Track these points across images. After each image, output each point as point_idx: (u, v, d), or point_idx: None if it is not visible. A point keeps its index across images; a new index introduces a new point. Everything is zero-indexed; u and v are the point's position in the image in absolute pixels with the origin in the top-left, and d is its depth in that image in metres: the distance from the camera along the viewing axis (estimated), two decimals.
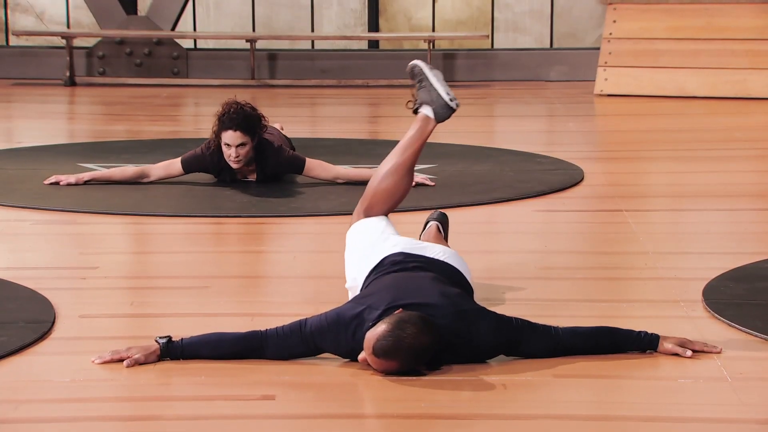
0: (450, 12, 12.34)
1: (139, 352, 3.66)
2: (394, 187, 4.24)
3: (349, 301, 3.81)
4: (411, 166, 4.25)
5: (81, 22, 12.33)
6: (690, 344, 3.72)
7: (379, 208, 4.25)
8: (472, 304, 3.73)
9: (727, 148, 7.64)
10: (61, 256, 5.17)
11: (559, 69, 11.31)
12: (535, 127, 9.18)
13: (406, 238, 4.11)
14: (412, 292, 3.69)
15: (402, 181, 4.24)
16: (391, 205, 4.27)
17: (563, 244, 5.36)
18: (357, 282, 4.05)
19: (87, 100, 10.60)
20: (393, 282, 3.78)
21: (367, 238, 4.12)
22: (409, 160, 4.23)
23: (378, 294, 3.72)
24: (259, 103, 8.05)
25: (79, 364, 3.70)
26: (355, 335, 3.62)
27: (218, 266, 4.98)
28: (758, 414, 3.31)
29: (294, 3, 12.34)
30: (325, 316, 3.70)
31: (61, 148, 7.70)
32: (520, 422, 3.30)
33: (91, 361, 3.66)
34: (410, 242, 4.07)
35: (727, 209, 6.01)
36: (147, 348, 3.68)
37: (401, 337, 3.47)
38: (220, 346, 3.69)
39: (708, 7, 10.02)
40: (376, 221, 4.21)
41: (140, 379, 3.58)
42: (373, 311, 3.62)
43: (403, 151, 4.23)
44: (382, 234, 4.13)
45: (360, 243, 4.14)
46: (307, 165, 6.36)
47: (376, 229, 4.16)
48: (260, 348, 3.68)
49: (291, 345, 3.67)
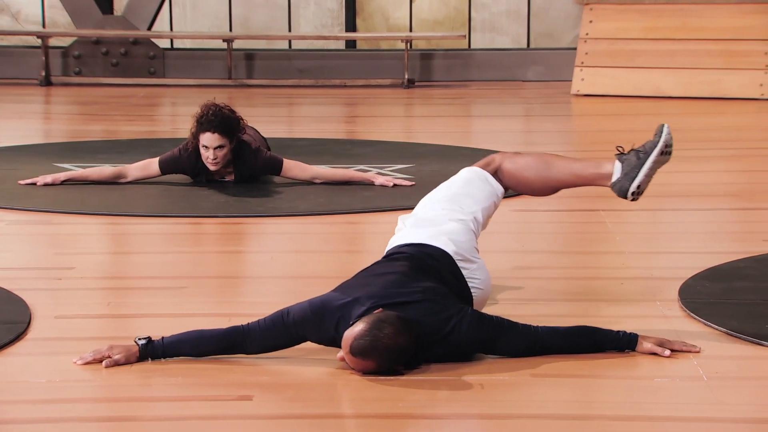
0: (427, 12, 12.35)
1: (120, 353, 3.65)
2: (531, 188, 4.18)
3: (334, 289, 3.80)
4: (558, 187, 4.18)
5: (57, 21, 12.28)
6: (669, 344, 3.74)
7: (507, 181, 4.17)
8: (453, 301, 3.73)
9: (702, 148, 7.67)
10: (37, 256, 5.14)
11: (536, 69, 11.34)
12: (512, 127, 9.19)
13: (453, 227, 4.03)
14: (395, 291, 3.68)
15: (540, 190, 4.19)
16: (516, 189, 4.24)
17: (540, 244, 5.38)
18: (403, 224, 4.07)
19: (63, 100, 10.56)
20: (381, 280, 3.76)
21: (450, 206, 4.06)
22: (561, 182, 4.14)
23: (363, 288, 3.71)
24: (237, 103, 8.03)
25: (55, 365, 3.68)
26: (338, 326, 3.62)
27: (195, 266, 4.97)
28: (734, 413, 3.33)
29: (271, 3, 12.32)
30: (308, 304, 3.69)
31: (37, 148, 7.67)
32: (498, 422, 3.31)
33: (73, 362, 3.65)
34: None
35: (702, 209, 6.03)
36: (128, 348, 3.67)
37: (378, 337, 3.47)
38: (201, 343, 3.67)
39: (683, 7, 10.06)
40: (485, 194, 4.12)
41: (117, 379, 3.56)
42: (356, 307, 3.62)
43: (567, 173, 4.12)
44: (456, 213, 4.05)
45: (446, 201, 4.08)
46: (284, 165, 6.36)
47: (466, 204, 4.07)
48: (243, 343, 3.66)
49: (274, 336, 3.66)
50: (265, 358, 3.69)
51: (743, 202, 6.18)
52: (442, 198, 4.14)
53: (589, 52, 10.24)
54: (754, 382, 3.58)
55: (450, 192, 4.15)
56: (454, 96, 10.51)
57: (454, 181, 4.20)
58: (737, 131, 8.56)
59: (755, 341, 3.85)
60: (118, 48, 11.40)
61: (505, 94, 10.59)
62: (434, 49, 11.74)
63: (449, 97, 10.44)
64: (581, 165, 4.14)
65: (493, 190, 4.15)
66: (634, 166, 4.04)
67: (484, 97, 10.54)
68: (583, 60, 10.24)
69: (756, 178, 6.85)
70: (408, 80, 10.96)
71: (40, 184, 6.33)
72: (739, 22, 9.91)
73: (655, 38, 10.10)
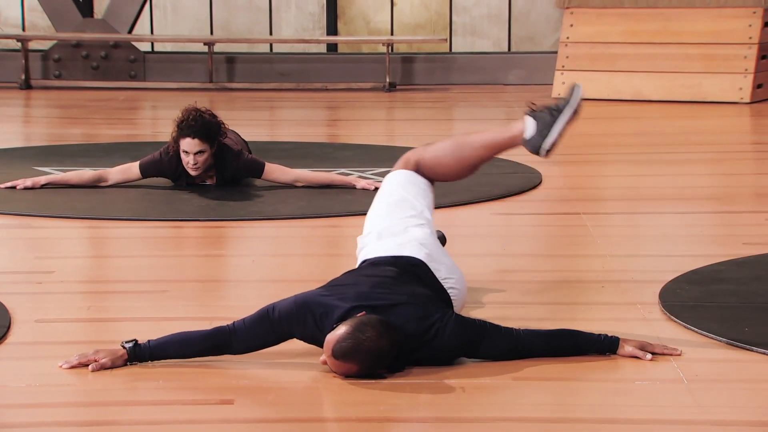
0: (408, 16, 12.37)
1: (106, 357, 3.63)
2: (452, 173, 4.17)
3: (322, 286, 3.80)
4: (477, 163, 4.15)
5: (36, 24, 12.24)
6: (650, 347, 3.75)
7: (428, 173, 4.16)
8: (438, 306, 3.73)
9: (682, 152, 7.70)
10: (17, 260, 5.12)
11: (517, 73, 11.36)
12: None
13: (417, 234, 4.03)
14: (382, 292, 3.69)
15: (461, 172, 4.18)
16: (439, 179, 4.22)
17: (521, 247, 5.38)
18: (364, 243, 4.07)
19: (43, 104, 10.52)
20: (369, 281, 3.76)
21: (400, 212, 4.05)
22: (479, 158, 4.13)
23: (351, 287, 3.71)
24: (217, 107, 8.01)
25: (35, 369, 3.67)
26: (321, 323, 3.62)
27: (177, 270, 4.96)
28: (714, 415, 3.34)
29: (252, 6, 12.31)
30: (294, 300, 3.69)
31: (16, 152, 7.64)
32: (480, 425, 3.31)
33: (59, 366, 3.63)
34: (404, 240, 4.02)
35: (683, 212, 6.05)
36: (114, 352, 3.65)
37: (360, 340, 3.47)
38: (187, 344, 3.66)
39: (663, 11, 10.10)
40: (421, 191, 4.12)
41: (97, 384, 3.55)
42: (341, 305, 3.61)
43: (481, 146, 4.11)
44: (412, 218, 4.05)
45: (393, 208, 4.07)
46: (266, 169, 6.35)
47: (413, 205, 4.07)
48: (229, 343, 3.65)
49: (260, 334, 3.65)
50: (247, 362, 3.68)
51: (723, 205, 6.20)
52: (387, 209, 4.11)
53: (569, 55, 10.27)
54: (734, 385, 3.59)
55: (391, 200, 4.12)
56: (435, 99, 10.52)
57: (388, 191, 4.16)
58: (717, 135, 8.60)
59: (735, 344, 3.86)
60: (99, 51, 11.37)
61: (487, 98, 10.60)
62: (415, 52, 11.75)
63: (430, 100, 10.45)
64: (491, 134, 4.15)
65: (425, 185, 4.16)
66: (548, 123, 4.06)
67: (465, 100, 10.55)
68: (564, 63, 10.27)
69: (736, 181, 6.88)
70: (389, 84, 10.96)
71: (20, 187, 6.31)
72: (720, 26, 9.95)
73: (636, 42, 10.13)
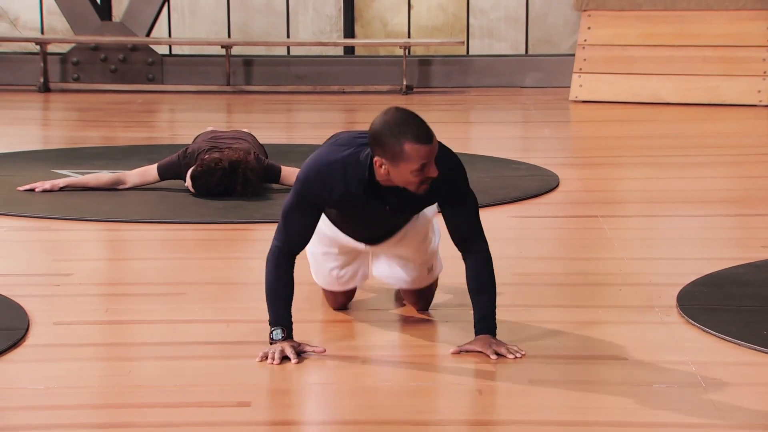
0: (425, 18, 12.37)
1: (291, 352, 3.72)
2: None
3: (324, 145, 4.00)
4: None
5: (55, 27, 12.29)
6: (497, 346, 3.75)
7: None
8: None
9: (700, 155, 7.68)
10: (35, 262, 5.14)
11: (534, 75, 11.35)
12: (511, 133, 9.20)
13: None
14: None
15: None
16: None
17: (538, 250, 5.38)
18: None
19: (61, 107, 10.56)
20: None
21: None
22: None
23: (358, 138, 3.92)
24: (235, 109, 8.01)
25: (53, 372, 3.68)
26: (347, 176, 3.75)
27: (194, 272, 4.97)
28: (732, 419, 3.33)
29: (270, 9, 12.34)
30: (305, 170, 3.83)
31: (35, 155, 7.67)
32: (497, 428, 3.31)
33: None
34: None
35: (700, 215, 6.04)
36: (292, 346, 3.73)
37: (409, 113, 3.72)
38: (289, 299, 3.77)
39: (681, 14, 10.07)
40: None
41: (114, 386, 3.56)
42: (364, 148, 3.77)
43: None
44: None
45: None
46: (283, 173, 6.36)
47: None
48: (293, 256, 3.77)
49: (309, 223, 3.77)
50: (263, 364, 3.69)
51: (742, 208, 6.18)
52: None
53: (587, 58, 10.25)
54: (752, 389, 3.58)
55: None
56: (452, 102, 10.52)
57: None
58: (735, 137, 8.57)
59: (753, 347, 3.85)
60: (117, 54, 11.41)
61: (503, 101, 10.59)
62: (432, 55, 11.74)
63: (447, 103, 10.45)
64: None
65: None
66: None
67: (482, 103, 10.55)
68: (582, 66, 10.25)
69: (754, 184, 6.86)
70: (406, 86, 10.97)
71: (39, 190, 6.33)
72: (737, 28, 9.92)
73: (654, 45, 10.10)
